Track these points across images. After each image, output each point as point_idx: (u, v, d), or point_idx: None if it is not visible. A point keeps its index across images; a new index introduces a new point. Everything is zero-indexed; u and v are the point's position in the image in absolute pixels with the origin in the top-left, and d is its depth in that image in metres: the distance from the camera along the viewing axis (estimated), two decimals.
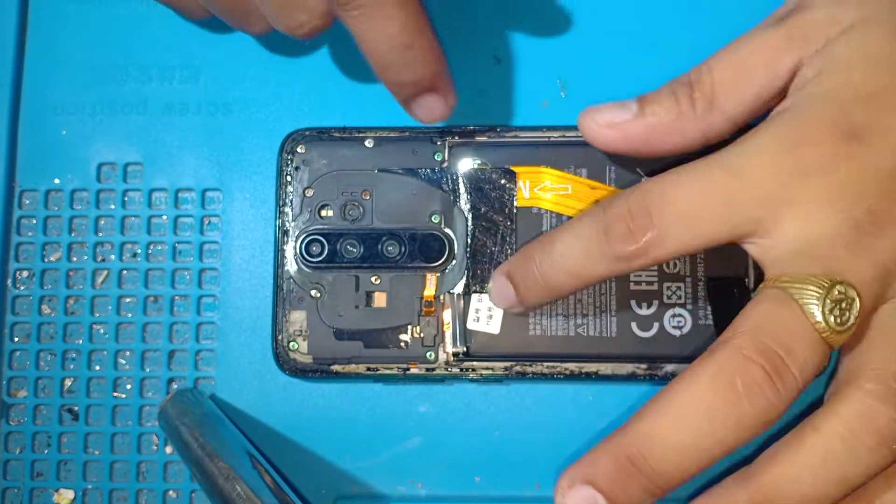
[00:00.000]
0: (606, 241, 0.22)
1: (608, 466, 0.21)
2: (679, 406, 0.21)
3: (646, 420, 0.21)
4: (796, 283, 0.21)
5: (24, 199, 0.29)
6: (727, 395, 0.21)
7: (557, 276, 0.23)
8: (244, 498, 0.24)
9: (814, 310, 0.21)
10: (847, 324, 0.21)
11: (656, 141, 0.24)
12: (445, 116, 0.25)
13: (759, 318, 0.21)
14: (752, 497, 0.22)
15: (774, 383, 0.21)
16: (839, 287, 0.21)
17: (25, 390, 0.29)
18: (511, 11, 0.29)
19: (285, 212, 0.28)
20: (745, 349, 0.21)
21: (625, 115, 0.24)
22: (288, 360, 0.27)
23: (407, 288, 0.27)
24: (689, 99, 0.24)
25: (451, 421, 0.28)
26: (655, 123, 0.24)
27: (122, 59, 0.29)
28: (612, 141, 0.24)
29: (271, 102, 0.29)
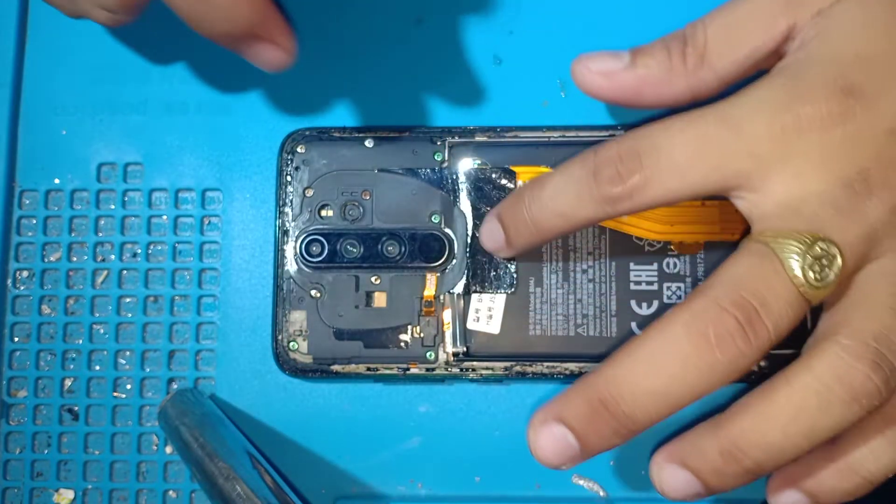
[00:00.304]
0: (595, 183, 0.23)
1: (580, 407, 0.22)
2: (652, 352, 0.22)
3: (619, 365, 0.22)
4: (779, 237, 0.22)
5: (24, 199, 0.29)
6: (699, 344, 0.21)
7: (546, 218, 0.24)
8: (244, 498, 0.24)
9: (793, 264, 0.21)
10: (826, 280, 0.21)
11: (646, 93, 0.24)
12: (285, 62, 0.24)
13: (738, 271, 0.22)
14: (721, 445, 0.22)
15: (746, 334, 0.21)
16: (821, 244, 0.21)
17: (25, 390, 0.29)
18: (511, 11, 0.29)
19: (285, 212, 0.28)
20: (721, 300, 0.21)
21: (617, 65, 0.24)
22: (288, 360, 0.27)
23: (407, 288, 0.27)
24: (682, 54, 0.24)
25: (451, 421, 0.28)
26: (646, 75, 0.24)
27: (122, 59, 0.29)
28: (602, 88, 0.24)
29: (271, 102, 0.29)
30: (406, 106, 0.29)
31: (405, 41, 0.29)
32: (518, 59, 0.29)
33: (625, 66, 0.24)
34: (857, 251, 0.22)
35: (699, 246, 0.27)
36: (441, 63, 0.29)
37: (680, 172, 0.22)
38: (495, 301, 0.27)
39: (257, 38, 0.23)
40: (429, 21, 0.29)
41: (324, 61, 0.29)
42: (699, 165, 0.22)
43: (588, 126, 0.28)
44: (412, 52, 0.29)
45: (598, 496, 0.28)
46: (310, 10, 0.29)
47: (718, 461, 0.22)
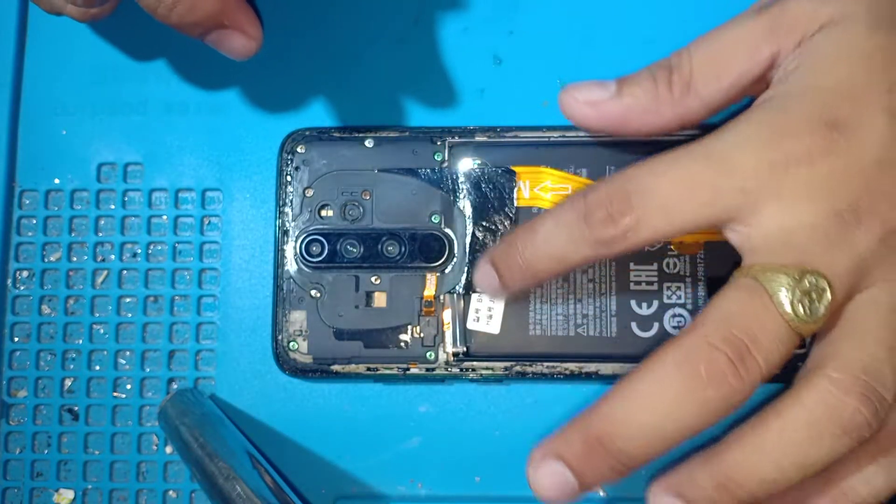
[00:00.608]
0: (587, 227, 0.23)
1: (577, 445, 0.22)
2: (645, 390, 0.22)
3: (614, 402, 0.22)
4: (767, 271, 0.22)
5: (24, 199, 0.29)
6: (692, 382, 0.21)
7: (540, 262, 0.24)
8: (244, 498, 0.24)
9: (783, 299, 0.21)
10: (816, 314, 0.21)
11: (633, 122, 0.24)
12: (252, 50, 0.25)
13: (728, 307, 0.22)
14: (714, 477, 0.22)
15: (738, 371, 0.21)
16: (810, 277, 0.21)
17: (25, 390, 0.29)
18: (511, 11, 0.29)
19: (285, 212, 0.28)
20: (711, 337, 0.21)
21: (603, 94, 0.24)
22: (288, 360, 0.27)
23: (407, 288, 0.27)
24: (668, 82, 0.24)
25: (451, 421, 0.28)
26: (632, 104, 0.24)
27: (122, 60, 0.29)
28: (589, 118, 0.25)
29: (271, 102, 0.29)
30: (406, 106, 0.29)
31: (404, 41, 0.29)
32: (518, 59, 0.29)
33: (611, 96, 0.24)
34: (847, 282, 0.22)
35: (699, 246, 0.27)
36: (441, 63, 0.29)
37: (670, 212, 0.22)
38: (495, 301, 0.27)
39: (224, 27, 0.24)
40: (428, 21, 0.29)
41: (324, 61, 0.29)
42: (689, 204, 0.22)
43: None
44: (412, 52, 0.29)
45: (598, 496, 0.28)
46: (310, 10, 0.29)
47: (713, 493, 0.22)
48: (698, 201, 0.22)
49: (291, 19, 0.29)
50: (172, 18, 0.23)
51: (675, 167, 0.22)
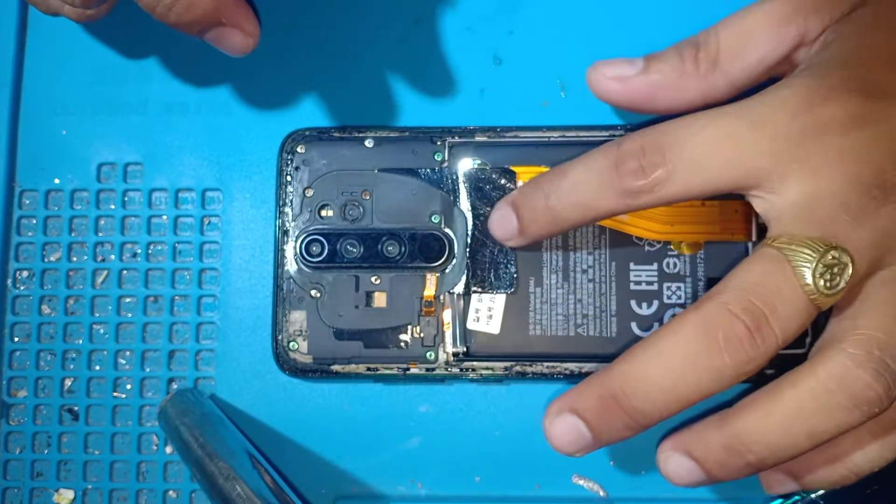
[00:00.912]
0: (617, 175, 0.23)
1: (594, 401, 0.23)
2: (663, 351, 0.22)
3: (632, 362, 0.22)
4: (792, 244, 0.22)
5: (24, 199, 0.29)
6: (709, 347, 0.22)
7: (565, 207, 0.24)
8: (244, 498, 0.24)
9: (805, 272, 0.21)
10: (837, 288, 0.22)
11: (659, 97, 0.25)
12: (250, 46, 0.25)
13: (750, 276, 0.22)
14: (726, 439, 0.22)
15: (755, 339, 0.21)
16: (833, 252, 0.21)
17: (25, 390, 0.29)
18: (511, 11, 0.29)
19: (285, 212, 0.28)
20: (731, 305, 0.22)
21: (631, 70, 0.25)
22: (288, 360, 0.27)
23: (407, 288, 0.27)
24: (694, 59, 0.24)
25: (451, 421, 0.28)
26: (659, 80, 0.25)
27: (122, 60, 0.29)
28: (617, 94, 0.25)
29: (271, 102, 0.29)
30: (406, 106, 0.29)
31: (405, 41, 0.29)
32: (518, 59, 0.29)
33: (639, 72, 0.25)
34: (869, 258, 0.22)
35: (699, 246, 0.27)
36: (441, 63, 0.29)
37: (701, 168, 0.22)
38: (495, 301, 0.27)
39: (221, 25, 0.24)
40: (428, 21, 0.29)
41: (324, 61, 0.29)
42: (719, 162, 0.22)
43: (588, 126, 0.28)
44: (412, 52, 0.29)
45: (598, 496, 0.28)
46: (310, 9, 0.29)
47: (722, 454, 0.22)
48: (730, 160, 0.22)
49: (291, 19, 0.29)
50: (171, 17, 0.23)
51: (710, 125, 0.23)
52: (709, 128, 0.23)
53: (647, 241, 0.27)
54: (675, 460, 0.23)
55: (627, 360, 0.23)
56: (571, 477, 0.28)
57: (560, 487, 0.28)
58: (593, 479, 0.28)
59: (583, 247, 0.27)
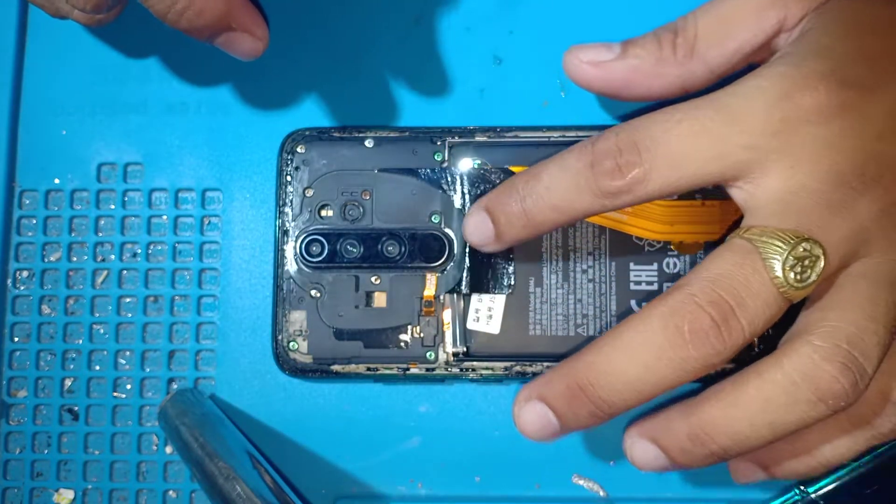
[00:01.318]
0: (593, 176, 0.23)
1: (561, 389, 0.23)
2: (629, 342, 0.22)
3: (598, 352, 0.22)
4: (763, 236, 0.22)
5: (24, 199, 0.29)
6: (674, 339, 0.21)
7: (541, 210, 0.23)
8: (244, 498, 0.24)
9: (774, 264, 0.21)
10: (807, 281, 0.21)
11: (636, 83, 0.24)
12: (260, 50, 0.25)
13: (719, 268, 0.22)
14: (691, 428, 0.22)
15: (721, 332, 0.21)
16: (804, 244, 0.21)
17: (25, 390, 0.29)
18: (511, 11, 0.29)
19: (285, 212, 0.28)
20: (698, 297, 0.21)
21: (608, 55, 0.25)
22: (288, 360, 0.27)
23: (407, 288, 0.27)
24: (672, 44, 0.24)
25: (451, 421, 0.28)
26: (637, 65, 0.24)
27: (122, 60, 0.29)
28: (593, 79, 0.25)
29: (271, 102, 0.29)
30: (406, 106, 0.29)
31: (405, 41, 0.29)
32: (518, 59, 0.29)
33: (616, 57, 0.25)
34: (843, 250, 0.22)
35: (699, 246, 0.27)
36: (441, 63, 0.29)
37: (678, 164, 0.22)
38: (495, 301, 0.27)
39: (231, 30, 0.24)
40: (429, 21, 0.29)
41: (324, 61, 0.29)
42: (697, 157, 0.22)
43: (588, 126, 0.28)
44: (412, 52, 0.29)
45: (598, 496, 0.28)
46: (310, 9, 0.29)
47: (687, 442, 0.22)
48: (708, 154, 0.22)
49: (292, 19, 0.29)
50: (182, 23, 0.23)
51: (686, 119, 0.22)
52: (685, 122, 0.22)
53: (647, 241, 0.27)
54: (640, 446, 0.24)
55: (595, 349, 0.23)
56: (571, 477, 0.28)
57: (560, 487, 0.28)
58: (593, 479, 0.28)
59: (583, 247, 0.27)
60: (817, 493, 0.27)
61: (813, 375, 0.21)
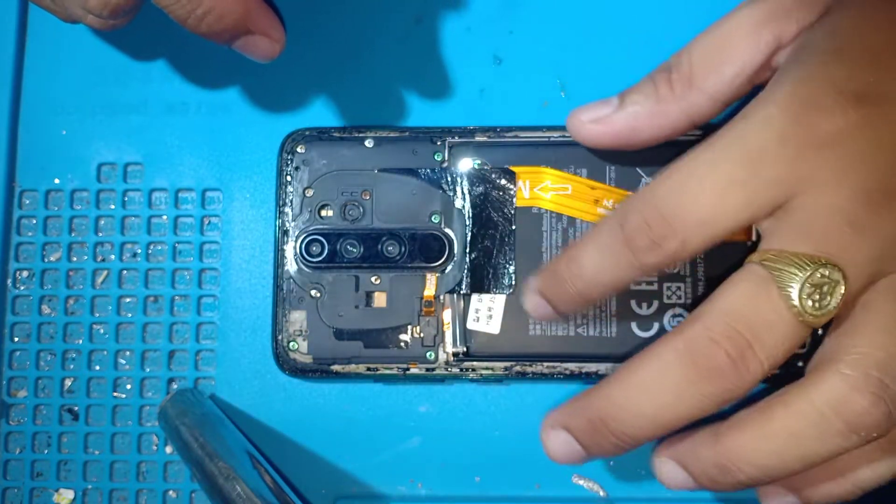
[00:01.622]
0: (633, 254, 0.22)
1: (582, 421, 0.23)
2: (645, 378, 0.22)
3: (616, 386, 0.22)
4: (779, 262, 0.21)
5: (24, 199, 0.29)
6: (690, 374, 0.21)
7: (594, 290, 0.23)
8: (244, 498, 0.24)
9: (791, 293, 0.21)
10: (826, 308, 0.21)
11: (642, 128, 0.24)
12: (276, 52, 0.25)
13: (734, 299, 0.21)
14: (717, 457, 0.22)
15: (738, 368, 0.21)
16: (822, 270, 0.21)
17: (25, 390, 0.29)
18: (511, 11, 0.29)
19: (285, 212, 0.28)
20: (713, 331, 0.21)
21: (607, 110, 0.25)
22: (288, 360, 0.27)
23: (407, 288, 0.27)
24: (668, 82, 0.24)
25: (451, 421, 0.28)
26: (638, 111, 0.24)
27: (122, 60, 0.29)
28: (599, 136, 0.25)
29: (271, 102, 0.29)
30: (406, 106, 0.29)
31: (405, 41, 0.29)
32: (518, 59, 0.29)
33: (615, 109, 0.24)
34: (867, 271, 0.21)
35: None
36: (441, 63, 0.29)
37: (712, 223, 0.22)
38: (495, 301, 0.27)
39: (250, 33, 0.25)
40: (429, 21, 0.29)
41: (324, 61, 0.29)
42: (728, 212, 0.21)
43: None
44: (412, 52, 0.29)
45: (598, 496, 0.28)
46: (310, 9, 0.29)
47: (714, 470, 0.22)
48: (737, 205, 0.21)
49: (292, 19, 0.29)
50: (202, 28, 0.24)
51: (706, 176, 0.22)
52: (706, 182, 0.21)
53: None
54: (669, 468, 0.23)
55: (614, 383, 0.23)
56: (571, 477, 0.28)
57: (560, 487, 0.28)
58: (593, 479, 0.28)
59: None
60: None
61: (843, 407, 0.21)
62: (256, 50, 0.25)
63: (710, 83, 0.24)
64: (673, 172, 0.22)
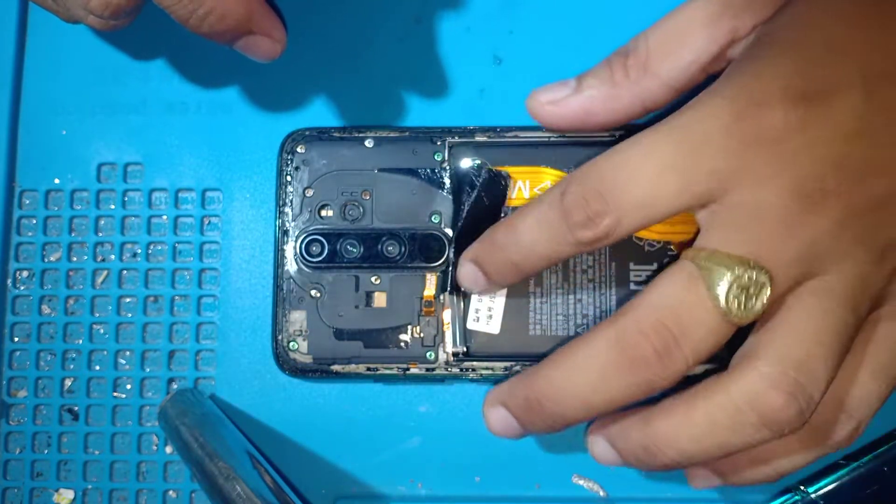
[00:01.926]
0: (568, 228, 0.23)
1: (519, 399, 0.24)
2: (578, 363, 0.23)
3: (554, 368, 0.23)
4: (710, 262, 0.22)
5: (24, 199, 0.29)
6: (618, 363, 0.22)
7: (527, 260, 0.24)
8: (244, 498, 0.24)
9: (718, 293, 0.21)
10: (752, 310, 0.21)
11: (596, 112, 0.25)
12: (278, 52, 0.25)
13: (665, 294, 0.22)
14: (643, 439, 0.23)
15: (663, 361, 0.22)
16: (750, 273, 0.21)
17: (25, 390, 0.29)
18: (511, 11, 0.29)
19: (285, 212, 0.28)
20: (642, 324, 0.22)
21: (564, 92, 0.25)
22: (288, 360, 0.27)
23: (407, 288, 0.27)
24: (623, 67, 0.24)
25: (451, 421, 0.28)
26: (593, 95, 0.25)
27: (122, 60, 0.29)
28: (555, 117, 0.25)
29: (271, 102, 0.29)
30: (406, 106, 0.29)
31: (405, 41, 0.29)
32: (518, 59, 0.29)
33: (572, 91, 0.25)
34: (795, 271, 0.22)
35: None
36: (441, 63, 0.29)
37: (647, 205, 0.22)
38: (495, 301, 0.27)
39: (252, 33, 0.25)
40: (428, 20, 0.29)
41: (324, 61, 0.29)
42: (663, 195, 0.22)
43: None
44: (412, 52, 0.29)
45: (598, 496, 0.28)
46: (310, 10, 0.29)
47: (640, 451, 0.23)
48: (673, 190, 0.22)
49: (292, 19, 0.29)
50: (204, 28, 0.24)
51: (647, 159, 0.22)
52: (646, 164, 0.22)
53: (647, 241, 0.27)
54: (600, 446, 0.24)
55: (550, 365, 0.23)
56: (571, 477, 0.28)
57: (560, 487, 0.28)
58: (593, 479, 0.28)
59: None
60: (817, 493, 0.27)
61: (758, 403, 0.21)
62: (258, 50, 0.25)
63: (664, 69, 0.24)
64: (617, 151, 0.23)
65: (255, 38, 0.25)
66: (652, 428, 0.23)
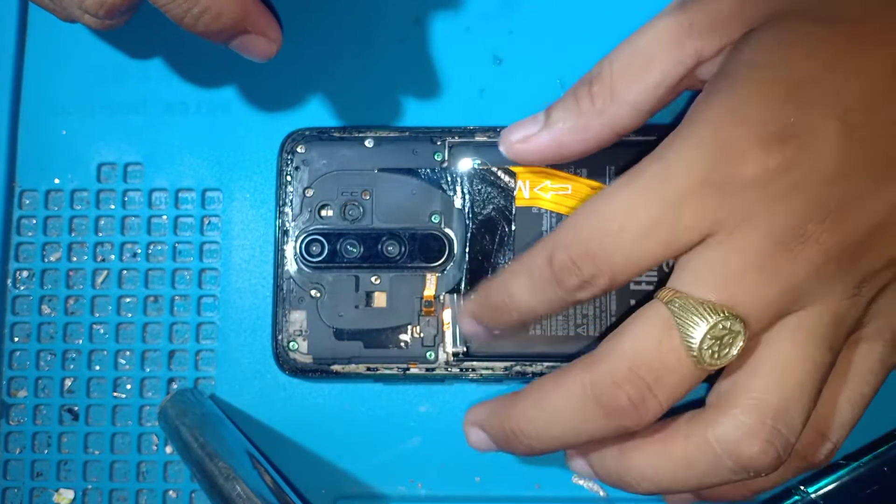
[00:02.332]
0: (563, 291, 0.23)
1: (497, 429, 0.24)
2: (552, 402, 0.23)
3: (528, 407, 0.24)
4: (684, 308, 0.21)
5: (24, 199, 0.29)
6: (591, 408, 0.22)
7: (527, 318, 0.24)
8: (244, 498, 0.24)
9: (692, 342, 0.21)
10: (726, 358, 0.21)
11: (568, 144, 0.24)
12: (273, 52, 0.26)
13: (638, 341, 0.22)
14: (619, 470, 0.23)
15: (637, 409, 0.22)
16: (724, 322, 0.21)
17: (25, 390, 0.29)
18: (511, 11, 0.29)
19: (285, 212, 0.28)
20: (616, 375, 0.22)
21: (534, 128, 0.25)
22: (288, 360, 0.27)
23: (407, 288, 0.27)
24: (588, 95, 0.24)
25: (451, 421, 0.28)
26: (561, 129, 0.24)
27: (122, 60, 0.29)
28: (528, 154, 0.25)
29: (271, 102, 0.29)
30: (406, 106, 0.29)
31: (405, 41, 0.29)
32: (518, 59, 0.29)
33: (541, 126, 0.25)
34: (770, 312, 0.21)
35: None
36: (441, 63, 0.29)
37: (636, 262, 0.22)
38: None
39: (247, 33, 0.25)
40: (428, 21, 0.29)
41: (324, 61, 0.29)
42: (650, 253, 0.22)
43: None
44: (412, 52, 0.29)
45: (598, 496, 0.28)
46: (309, 10, 0.29)
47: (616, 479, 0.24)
48: (657, 248, 0.22)
49: (292, 19, 0.29)
50: (199, 27, 0.24)
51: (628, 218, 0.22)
52: (628, 225, 0.22)
53: None
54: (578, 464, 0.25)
55: (526, 402, 0.24)
56: (571, 477, 0.28)
57: (560, 487, 0.28)
58: (593, 480, 0.28)
59: None
60: (817, 493, 0.27)
61: (736, 450, 0.21)
62: (254, 50, 0.25)
63: (631, 95, 0.23)
64: (597, 207, 0.22)
65: (250, 37, 0.25)
66: (627, 460, 0.23)
